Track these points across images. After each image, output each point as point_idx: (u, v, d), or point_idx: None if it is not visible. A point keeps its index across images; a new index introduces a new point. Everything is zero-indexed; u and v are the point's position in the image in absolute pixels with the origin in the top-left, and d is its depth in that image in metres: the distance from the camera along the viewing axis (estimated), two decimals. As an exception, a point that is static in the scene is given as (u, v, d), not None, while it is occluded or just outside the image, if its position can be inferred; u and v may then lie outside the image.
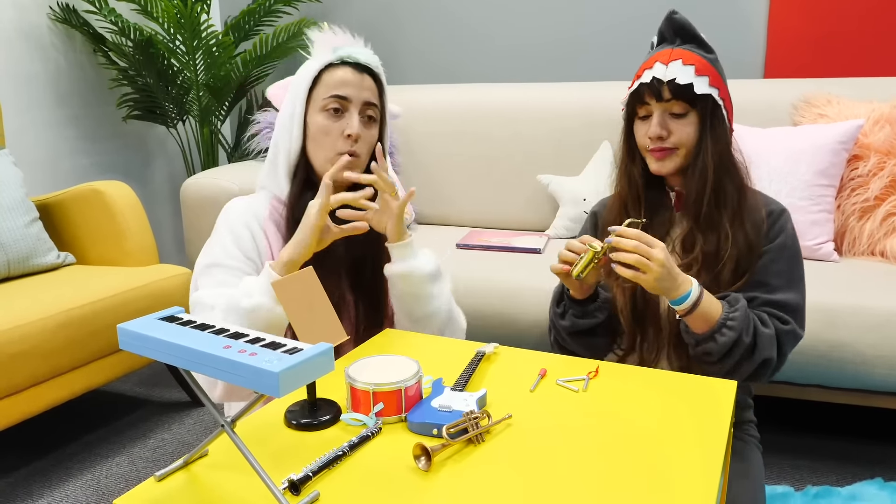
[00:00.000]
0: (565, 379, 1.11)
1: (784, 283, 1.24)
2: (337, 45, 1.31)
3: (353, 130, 1.28)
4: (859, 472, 1.78)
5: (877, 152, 1.99)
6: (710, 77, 1.21)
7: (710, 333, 1.16)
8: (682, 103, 1.22)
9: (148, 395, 2.33)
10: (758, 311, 1.21)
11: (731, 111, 1.27)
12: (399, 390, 0.97)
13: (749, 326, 1.16)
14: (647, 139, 1.25)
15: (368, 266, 1.35)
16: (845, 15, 2.41)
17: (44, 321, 1.71)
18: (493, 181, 2.53)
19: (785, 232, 1.26)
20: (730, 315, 1.16)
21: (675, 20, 1.26)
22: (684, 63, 1.21)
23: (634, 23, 2.66)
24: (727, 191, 1.24)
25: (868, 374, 1.64)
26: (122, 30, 2.58)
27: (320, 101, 1.29)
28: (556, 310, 1.33)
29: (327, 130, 1.29)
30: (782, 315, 1.22)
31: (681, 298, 1.15)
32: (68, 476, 1.85)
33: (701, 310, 1.15)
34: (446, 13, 2.91)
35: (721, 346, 1.16)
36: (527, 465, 0.86)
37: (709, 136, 1.23)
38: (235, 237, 1.28)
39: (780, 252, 1.24)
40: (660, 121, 1.23)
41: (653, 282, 1.12)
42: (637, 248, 1.12)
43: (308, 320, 0.98)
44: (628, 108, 1.30)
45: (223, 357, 0.72)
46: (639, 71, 1.27)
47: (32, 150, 2.58)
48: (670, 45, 1.25)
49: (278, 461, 0.88)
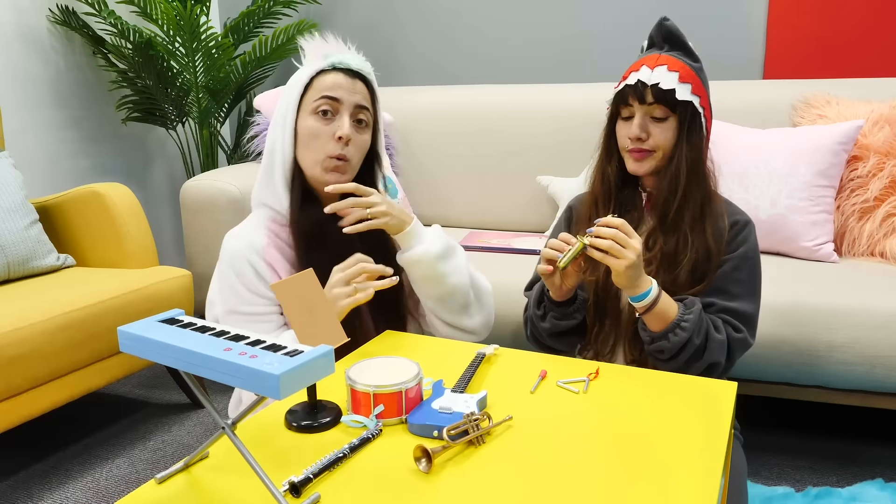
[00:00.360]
0: (566, 380, 1.11)
1: (742, 292, 1.29)
2: (328, 52, 1.31)
3: (344, 132, 1.27)
4: (860, 473, 1.77)
5: (876, 153, 1.99)
6: (693, 85, 1.26)
7: (663, 332, 1.22)
8: (664, 108, 1.26)
9: (148, 397, 2.33)
10: (713, 317, 1.27)
11: (709, 120, 1.31)
12: (399, 392, 0.97)
13: (701, 330, 1.22)
14: (627, 139, 1.29)
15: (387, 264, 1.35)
16: (844, 15, 2.41)
17: (43, 323, 1.71)
18: (492, 182, 2.53)
19: (748, 242, 1.30)
20: (684, 317, 1.21)
21: (666, 27, 1.30)
22: (669, 69, 1.25)
23: (634, 24, 2.66)
24: (693, 197, 1.28)
25: (868, 374, 1.64)
26: (122, 32, 2.58)
27: (311, 104, 1.28)
28: (536, 311, 1.37)
29: (317, 133, 1.28)
30: (736, 323, 1.27)
31: (641, 295, 1.20)
32: (68, 478, 1.85)
33: (658, 308, 1.21)
34: (446, 14, 2.91)
35: (673, 344, 1.21)
36: (528, 466, 0.86)
37: (685, 143, 1.27)
38: (243, 280, 1.27)
39: (743, 262, 1.29)
40: (640, 122, 1.27)
41: (623, 268, 1.16)
42: (615, 235, 1.16)
43: (308, 322, 0.98)
44: (612, 107, 1.33)
45: (224, 359, 0.72)
46: (626, 73, 1.30)
47: (32, 152, 2.58)
48: (658, 50, 1.30)
49: (279, 463, 0.88)
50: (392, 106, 2.65)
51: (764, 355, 1.68)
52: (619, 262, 1.16)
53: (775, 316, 1.67)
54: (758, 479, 1.76)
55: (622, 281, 1.19)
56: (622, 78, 1.30)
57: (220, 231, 2.14)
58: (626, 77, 1.29)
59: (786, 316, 1.66)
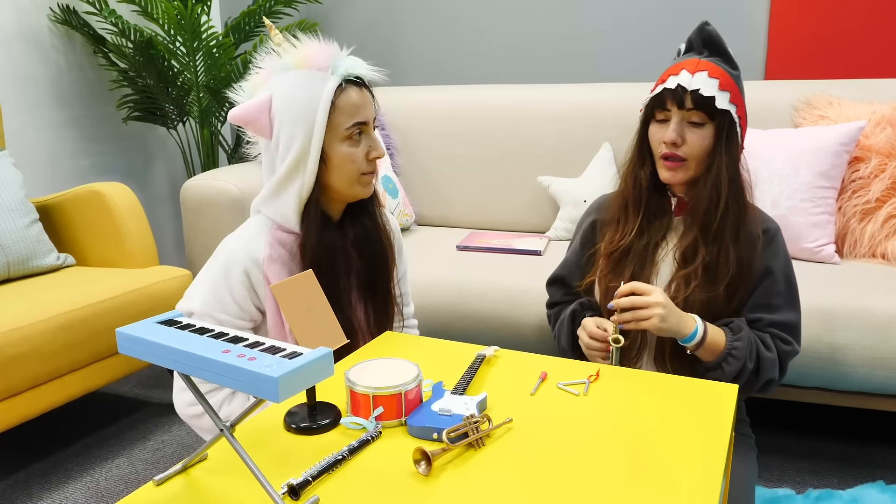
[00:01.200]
0: (566, 382, 1.10)
1: (784, 303, 1.30)
2: (324, 61, 1.22)
3: (380, 152, 1.27)
4: (861, 475, 1.77)
5: (878, 154, 1.98)
6: (732, 93, 1.24)
7: (716, 363, 1.24)
8: (702, 114, 1.24)
9: (148, 396, 2.32)
10: (760, 333, 1.28)
11: (745, 129, 1.29)
12: (399, 394, 0.96)
13: (752, 353, 1.24)
14: (662, 144, 1.26)
15: (380, 271, 1.34)
16: (846, 16, 2.40)
17: (43, 323, 1.71)
18: (493, 182, 2.53)
19: (781, 250, 1.31)
20: (734, 345, 1.23)
21: (707, 31, 1.27)
22: (710, 75, 1.23)
23: (635, 25, 2.66)
24: (733, 207, 1.27)
25: (869, 376, 1.63)
26: (123, 31, 2.57)
27: (341, 132, 1.23)
28: (569, 353, 1.42)
29: (353, 158, 1.25)
30: (784, 336, 1.29)
31: (689, 337, 1.22)
32: (67, 478, 1.85)
33: (707, 343, 1.23)
34: (446, 14, 2.91)
35: (728, 373, 1.24)
36: (528, 469, 0.85)
37: (724, 151, 1.25)
38: (230, 288, 1.24)
39: (781, 272, 1.30)
40: (677, 127, 1.25)
41: (658, 323, 1.19)
42: (632, 303, 1.20)
43: (307, 324, 0.98)
44: (647, 110, 1.31)
45: (222, 361, 0.71)
46: (663, 75, 1.28)
47: (32, 151, 2.58)
48: (698, 55, 1.27)
49: (278, 465, 0.88)
50: (392, 106, 2.65)
51: (765, 357, 1.68)
52: (650, 322, 1.19)
53: (776, 317, 1.66)
54: (759, 480, 1.76)
55: (665, 333, 1.22)
56: (659, 80, 1.28)
57: (221, 231, 2.14)
58: (663, 80, 1.26)
59: (787, 317, 1.66)
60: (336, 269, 1.28)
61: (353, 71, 1.24)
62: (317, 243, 1.25)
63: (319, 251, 1.25)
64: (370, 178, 1.29)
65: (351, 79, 1.24)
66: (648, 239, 1.32)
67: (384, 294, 1.36)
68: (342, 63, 1.23)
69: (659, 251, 1.33)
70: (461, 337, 1.96)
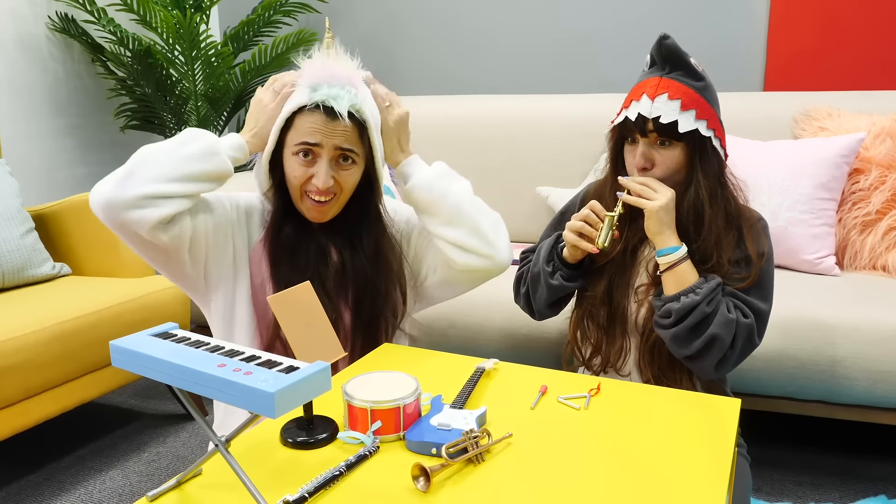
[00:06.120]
0: (566, 396, 1.09)
1: (755, 288, 1.26)
2: (317, 83, 1.24)
3: (321, 184, 1.24)
4: (863, 489, 1.76)
5: (878, 166, 1.98)
6: (697, 110, 1.21)
7: (676, 294, 1.21)
8: (667, 137, 1.23)
9: (142, 407, 2.30)
10: (725, 298, 1.24)
11: (723, 138, 1.27)
12: (397, 408, 0.95)
13: (714, 300, 1.21)
14: (634, 167, 1.27)
15: (370, 288, 1.33)
16: (845, 28, 2.40)
17: (38, 333, 1.69)
18: (492, 193, 2.51)
19: (768, 244, 1.29)
20: (700, 284, 1.21)
21: (666, 45, 1.23)
22: (670, 97, 1.20)
23: (635, 35, 2.66)
24: (716, 223, 1.25)
25: (870, 389, 1.62)
26: (121, 40, 2.57)
27: (292, 146, 1.26)
28: (546, 267, 1.36)
29: (294, 173, 1.27)
30: (746, 310, 1.24)
31: (669, 249, 1.22)
32: (61, 490, 1.82)
33: (681, 269, 1.22)
34: (447, 24, 2.91)
35: (682, 305, 1.19)
36: (528, 486, 0.84)
37: (699, 170, 1.24)
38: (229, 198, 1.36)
39: (766, 263, 1.28)
40: (645, 152, 1.25)
41: (656, 207, 1.19)
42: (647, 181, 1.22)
43: (305, 337, 0.96)
44: (616, 135, 1.31)
45: (217, 376, 0.70)
46: (626, 100, 1.26)
47: (29, 159, 2.57)
48: (660, 71, 1.25)
49: (274, 481, 0.86)
50: (391, 115, 2.64)
51: (765, 369, 1.67)
52: (652, 202, 1.19)
53: (777, 330, 1.65)
54: (759, 494, 1.74)
55: (653, 224, 1.21)
56: (624, 104, 1.26)
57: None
58: (626, 105, 1.25)
59: (787, 330, 1.65)
60: (295, 261, 1.31)
61: (327, 102, 1.22)
62: (273, 226, 1.33)
63: (274, 233, 1.32)
64: (313, 204, 1.27)
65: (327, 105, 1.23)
66: (626, 244, 1.32)
67: (371, 320, 1.35)
68: (326, 90, 1.23)
69: (638, 255, 1.33)
70: (460, 349, 1.95)
